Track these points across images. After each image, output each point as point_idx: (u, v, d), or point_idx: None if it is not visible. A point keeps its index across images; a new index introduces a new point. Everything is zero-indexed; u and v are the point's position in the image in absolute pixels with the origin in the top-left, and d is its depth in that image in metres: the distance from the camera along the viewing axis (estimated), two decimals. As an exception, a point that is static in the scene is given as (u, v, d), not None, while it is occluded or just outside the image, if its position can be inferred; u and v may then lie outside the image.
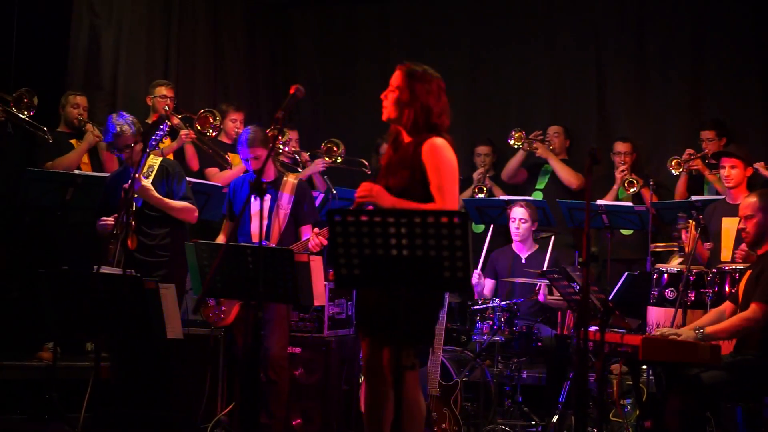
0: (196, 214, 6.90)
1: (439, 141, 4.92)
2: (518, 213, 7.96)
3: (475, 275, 7.75)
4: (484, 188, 9.43)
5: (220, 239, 6.68)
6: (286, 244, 6.32)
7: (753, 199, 5.79)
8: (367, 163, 9.26)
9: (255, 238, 6.38)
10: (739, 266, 6.54)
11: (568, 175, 9.19)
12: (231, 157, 8.62)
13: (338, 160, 8.94)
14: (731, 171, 7.29)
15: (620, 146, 9.17)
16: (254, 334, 5.24)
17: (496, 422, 6.88)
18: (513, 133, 9.31)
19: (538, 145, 9.32)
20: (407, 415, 4.83)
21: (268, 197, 6.49)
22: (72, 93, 8.21)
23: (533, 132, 9.33)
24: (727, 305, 6.00)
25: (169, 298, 5.66)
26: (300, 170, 8.53)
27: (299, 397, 6.97)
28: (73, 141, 8.09)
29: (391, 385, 4.81)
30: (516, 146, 9.34)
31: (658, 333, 5.70)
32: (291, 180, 6.70)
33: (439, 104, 5.01)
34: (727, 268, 6.63)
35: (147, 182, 6.59)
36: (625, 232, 8.75)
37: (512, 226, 7.98)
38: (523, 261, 7.96)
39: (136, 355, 6.49)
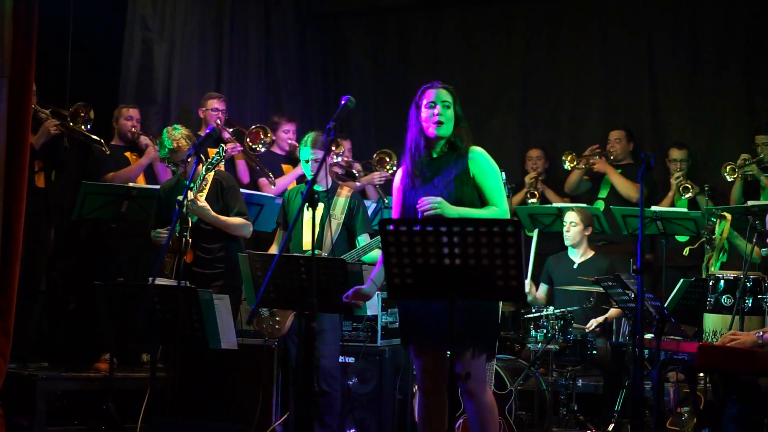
0: (251, 228, 6.95)
1: (482, 150, 5.19)
2: (569, 217, 7.93)
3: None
4: (536, 192, 9.39)
5: (273, 249, 6.72)
6: (338, 254, 6.32)
7: None
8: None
9: (307, 248, 6.38)
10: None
11: (627, 189, 9.04)
12: (284, 168, 8.67)
13: (390, 171, 8.97)
14: None
15: (675, 153, 9.06)
16: (307, 344, 5.26)
17: (551, 431, 6.84)
18: (564, 158, 9.23)
19: (595, 160, 9.24)
20: (483, 422, 4.96)
21: (321, 206, 6.49)
22: (124, 106, 8.29)
23: (589, 147, 9.23)
24: None
25: (223, 308, 5.70)
26: (359, 180, 8.59)
27: (353, 406, 6.98)
28: (127, 154, 8.17)
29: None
30: (572, 168, 9.24)
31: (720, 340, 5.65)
32: (345, 190, 6.71)
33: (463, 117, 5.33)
34: (785, 273, 6.55)
35: (204, 202, 6.61)
36: (681, 238, 8.65)
37: (564, 230, 7.95)
38: (576, 267, 7.90)
39: (191, 366, 6.54)
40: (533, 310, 7.18)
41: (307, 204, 5.05)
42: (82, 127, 7.65)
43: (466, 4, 10.75)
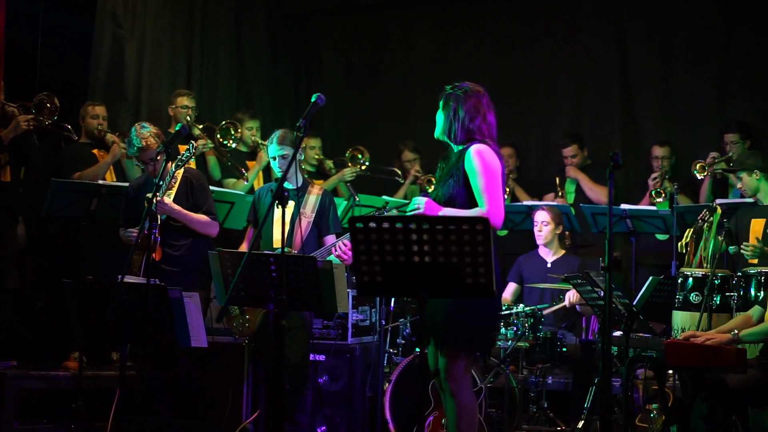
0: (217, 229, 6.93)
1: (478, 147, 5.13)
2: (540, 216, 7.96)
3: None
4: (507, 189, 9.41)
5: (243, 247, 6.70)
6: (308, 252, 6.32)
7: None
8: (399, 172, 9.30)
9: (278, 246, 6.37)
10: (766, 269, 6.51)
11: (598, 195, 9.04)
12: (249, 165, 8.66)
13: (363, 168, 8.98)
14: (741, 182, 7.29)
15: (658, 150, 9.07)
16: (277, 342, 5.25)
17: (521, 428, 6.86)
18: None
19: (568, 169, 9.25)
20: (457, 420, 5.04)
21: (291, 204, 6.48)
22: (91, 104, 8.24)
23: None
24: (755, 310, 5.96)
25: (193, 306, 5.68)
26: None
27: (324, 404, 6.97)
28: (95, 151, 8.12)
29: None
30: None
31: (686, 335, 5.69)
32: (316, 188, 6.70)
33: (475, 113, 5.23)
34: (753, 271, 6.60)
35: (168, 200, 6.60)
36: (660, 237, 8.68)
37: (535, 229, 7.98)
38: (549, 266, 7.93)
39: (161, 364, 6.52)
40: (503, 308, 7.20)
41: (276, 202, 5.05)
42: (48, 118, 7.57)
43: (439, 3, 10.77)
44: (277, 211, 6.31)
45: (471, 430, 5.13)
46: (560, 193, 9.24)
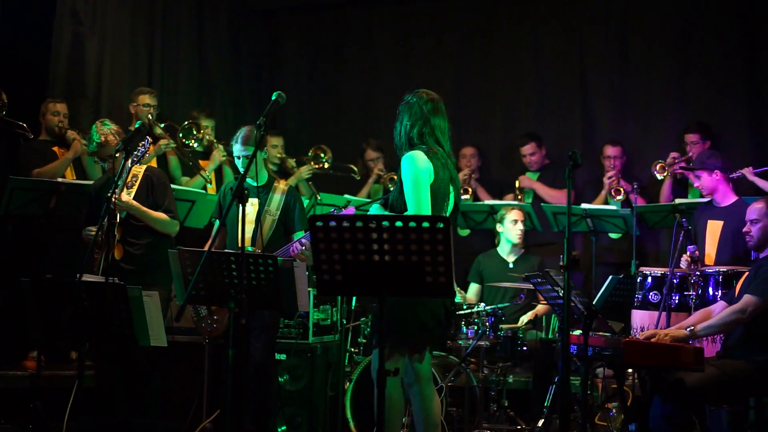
0: (177, 228, 6.89)
1: (409, 153, 5.19)
2: (518, 215, 7.97)
3: None
4: (470, 189, 9.44)
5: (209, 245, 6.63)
6: (273, 251, 6.30)
7: (760, 205, 5.95)
8: (356, 169, 9.29)
9: (240, 244, 6.32)
10: (723, 269, 6.57)
11: (558, 200, 9.07)
12: (202, 164, 8.62)
13: (326, 166, 8.97)
14: (699, 182, 7.38)
15: (610, 150, 9.15)
16: (238, 341, 5.24)
17: (481, 427, 6.88)
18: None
19: (522, 179, 9.28)
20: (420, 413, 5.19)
21: (257, 202, 6.45)
22: (51, 101, 8.18)
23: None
24: (717, 305, 6.02)
25: (152, 305, 5.65)
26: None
27: (285, 403, 6.96)
28: (55, 148, 8.06)
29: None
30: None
31: (646, 334, 5.73)
32: (282, 185, 6.66)
33: (416, 120, 5.30)
34: (710, 270, 6.66)
35: (126, 196, 6.56)
36: (613, 235, 8.76)
37: (515, 228, 7.95)
38: (510, 265, 7.96)
39: (120, 363, 6.48)
40: (464, 307, 7.21)
41: (235, 200, 5.03)
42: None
43: (401, 2, 10.78)
44: (242, 209, 6.30)
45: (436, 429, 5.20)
46: (519, 196, 9.28)
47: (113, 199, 5.99)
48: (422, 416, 5.21)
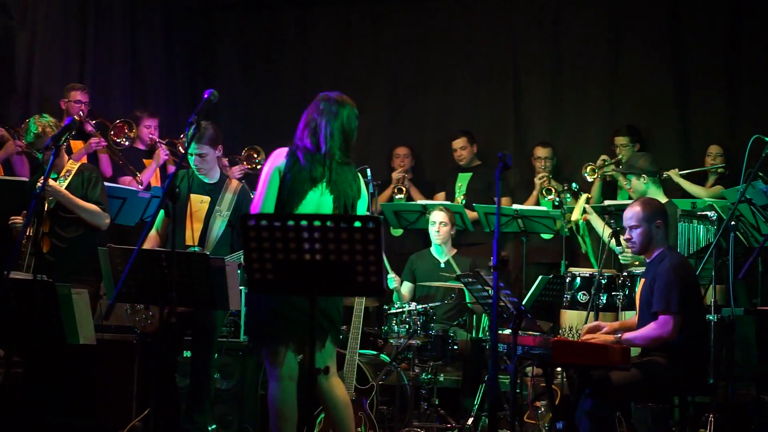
0: (107, 220, 6.83)
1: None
2: (438, 216, 8.04)
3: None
4: (403, 189, 9.49)
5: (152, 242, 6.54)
6: (223, 251, 6.25)
7: (636, 209, 5.82)
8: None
9: (188, 242, 6.28)
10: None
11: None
12: (146, 163, 8.57)
13: (258, 167, 8.94)
14: (630, 184, 7.45)
15: (540, 151, 9.28)
16: (167, 339, 5.22)
17: (411, 425, 6.92)
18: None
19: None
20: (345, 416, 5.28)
21: (207, 199, 6.39)
22: None
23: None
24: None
25: (81, 303, 5.58)
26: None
27: (216, 401, 6.93)
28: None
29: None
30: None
31: (584, 329, 5.83)
32: (234, 184, 6.52)
33: (308, 119, 5.37)
34: (638, 271, 6.77)
35: (55, 183, 6.51)
36: (544, 236, 8.87)
37: (432, 229, 8.06)
38: (442, 265, 8.02)
39: (47, 362, 6.40)
40: (396, 306, 7.25)
41: (167, 200, 5.00)
42: None
43: (336, 2, 10.79)
44: (195, 206, 6.26)
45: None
46: (459, 198, 9.35)
47: (46, 187, 5.94)
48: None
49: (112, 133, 8.40)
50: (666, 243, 5.86)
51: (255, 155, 9.08)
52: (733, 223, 6.45)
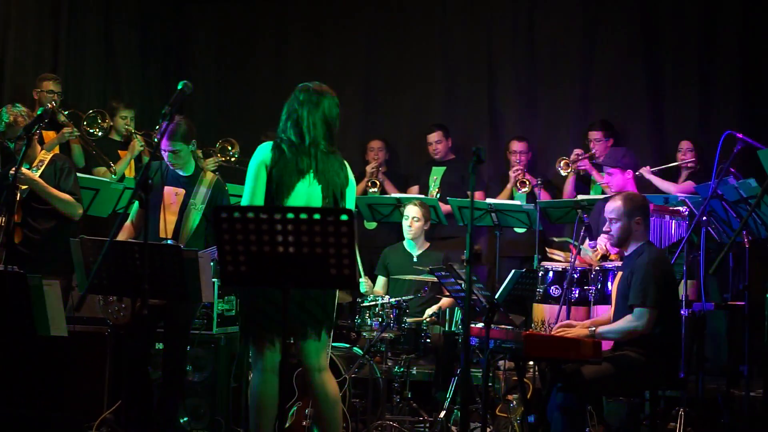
0: (80, 210, 6.81)
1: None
2: (411, 211, 8.04)
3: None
4: (377, 182, 9.50)
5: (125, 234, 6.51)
6: (197, 243, 6.23)
7: (618, 203, 5.90)
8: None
9: (162, 234, 6.26)
10: (620, 263, 6.71)
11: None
12: (121, 154, 8.53)
13: (232, 159, 8.92)
14: (610, 179, 7.48)
15: (516, 145, 9.31)
16: (140, 331, 5.20)
17: (384, 418, 6.92)
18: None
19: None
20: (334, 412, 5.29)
21: (182, 192, 6.36)
22: None
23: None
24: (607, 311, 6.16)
25: (53, 294, 5.55)
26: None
27: (187, 394, 6.91)
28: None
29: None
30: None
31: (561, 325, 5.86)
32: (209, 177, 6.50)
33: (289, 112, 5.34)
34: (609, 266, 6.80)
35: (28, 171, 6.47)
36: (518, 230, 8.90)
37: (405, 224, 8.06)
38: (415, 259, 8.03)
39: (19, 354, 6.37)
40: (369, 299, 7.26)
41: (137, 195, 4.98)
42: None
43: (312, -7, 10.80)
44: (167, 197, 6.24)
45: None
46: (434, 191, 9.36)
47: (19, 176, 5.91)
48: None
49: (85, 123, 8.36)
50: (646, 238, 5.93)
51: (229, 147, 9.06)
52: (704, 218, 6.49)
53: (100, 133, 8.44)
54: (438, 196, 9.18)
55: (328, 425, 5.31)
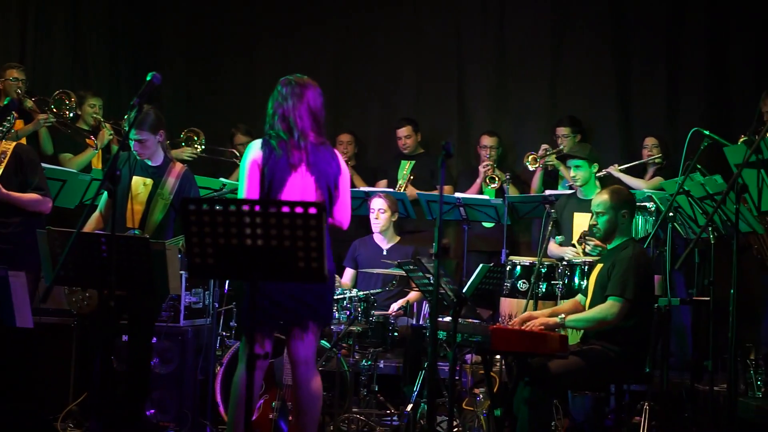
0: (50, 205, 6.76)
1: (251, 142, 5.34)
2: (377, 204, 8.04)
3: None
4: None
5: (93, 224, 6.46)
6: (164, 234, 6.20)
7: (605, 197, 5.96)
8: (237, 153, 9.21)
9: (129, 224, 6.23)
10: (589, 259, 6.75)
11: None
12: (90, 143, 8.47)
13: (199, 149, 8.87)
14: (577, 171, 7.51)
15: (486, 140, 9.34)
16: (105, 323, 5.17)
17: (351, 411, 6.93)
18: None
19: (408, 190, 9.28)
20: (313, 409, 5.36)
21: (150, 182, 6.32)
22: None
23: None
24: (581, 297, 6.18)
25: (19, 286, 5.52)
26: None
27: (154, 386, 6.89)
28: None
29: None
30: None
31: (523, 317, 5.87)
32: (178, 168, 6.44)
33: (275, 106, 5.38)
34: (577, 261, 6.84)
35: None
36: (486, 224, 8.93)
37: (371, 216, 8.06)
38: (384, 252, 8.03)
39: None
40: (337, 292, 7.25)
41: (105, 185, 4.95)
42: None
43: (283, -15, 10.76)
44: (137, 188, 6.20)
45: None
46: (402, 183, 9.37)
47: None
48: None
49: (53, 107, 8.27)
50: (630, 234, 5.99)
51: (195, 137, 9.01)
52: (671, 214, 6.54)
53: (71, 114, 8.34)
54: (407, 185, 9.21)
55: (307, 419, 5.31)
